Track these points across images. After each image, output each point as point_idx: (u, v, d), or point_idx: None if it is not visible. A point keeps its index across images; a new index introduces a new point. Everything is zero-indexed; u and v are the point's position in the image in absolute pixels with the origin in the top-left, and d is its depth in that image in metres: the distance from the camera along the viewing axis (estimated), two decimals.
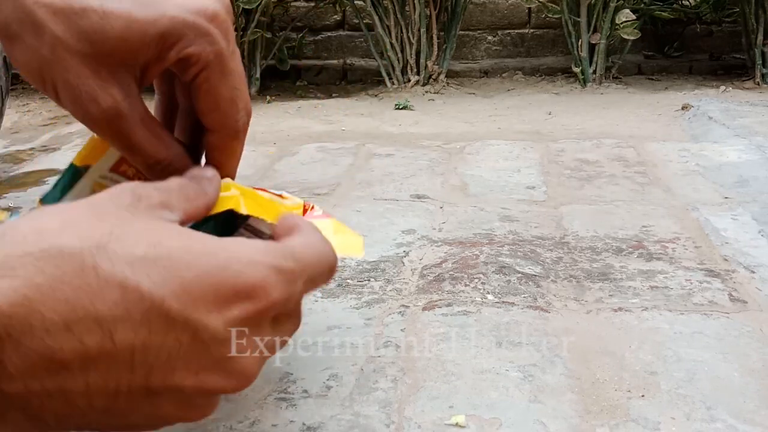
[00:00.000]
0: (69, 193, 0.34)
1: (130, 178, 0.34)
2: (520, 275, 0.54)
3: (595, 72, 1.49)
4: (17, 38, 0.30)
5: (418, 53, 1.48)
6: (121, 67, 0.30)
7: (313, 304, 0.50)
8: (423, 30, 1.46)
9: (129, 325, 0.23)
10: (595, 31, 1.47)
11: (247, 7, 1.35)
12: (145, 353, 0.23)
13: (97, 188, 0.34)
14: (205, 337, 0.24)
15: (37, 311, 0.21)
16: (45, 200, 0.34)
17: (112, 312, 0.22)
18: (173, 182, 0.29)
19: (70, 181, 0.34)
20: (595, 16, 1.45)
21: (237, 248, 0.25)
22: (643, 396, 0.38)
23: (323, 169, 0.86)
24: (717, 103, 1.17)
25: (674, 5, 1.53)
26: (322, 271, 0.28)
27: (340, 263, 0.30)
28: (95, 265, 0.23)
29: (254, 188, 0.34)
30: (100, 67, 0.30)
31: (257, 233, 0.33)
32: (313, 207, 0.37)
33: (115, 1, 0.30)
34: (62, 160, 0.95)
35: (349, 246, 0.35)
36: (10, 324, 0.21)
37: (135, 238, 0.24)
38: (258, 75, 1.46)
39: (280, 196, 0.36)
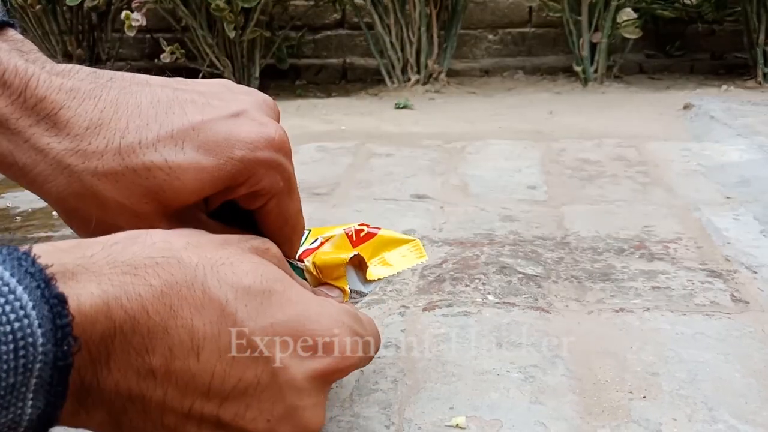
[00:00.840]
0: None
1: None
2: (521, 276, 0.54)
3: (596, 71, 1.48)
4: (76, 211, 0.29)
5: (418, 52, 1.48)
6: (187, 209, 0.30)
7: None
8: (423, 29, 1.46)
9: (216, 346, 0.24)
10: (596, 30, 1.46)
11: (246, 5, 1.34)
12: (224, 381, 0.25)
13: None
14: (282, 381, 0.25)
15: (146, 311, 0.23)
16: None
17: (205, 329, 0.24)
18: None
19: None
20: (596, 14, 1.45)
21: (328, 306, 0.28)
22: (644, 397, 0.38)
23: (323, 168, 0.86)
24: (719, 103, 1.17)
25: (676, 4, 1.52)
26: (376, 334, 0.31)
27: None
28: (204, 282, 0.25)
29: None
30: (170, 220, 0.29)
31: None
32: (361, 231, 0.38)
33: (180, 153, 0.28)
34: None
35: (411, 258, 0.38)
36: (124, 318, 0.23)
37: (246, 269, 0.26)
38: (257, 74, 1.46)
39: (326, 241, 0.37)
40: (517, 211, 0.69)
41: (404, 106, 1.29)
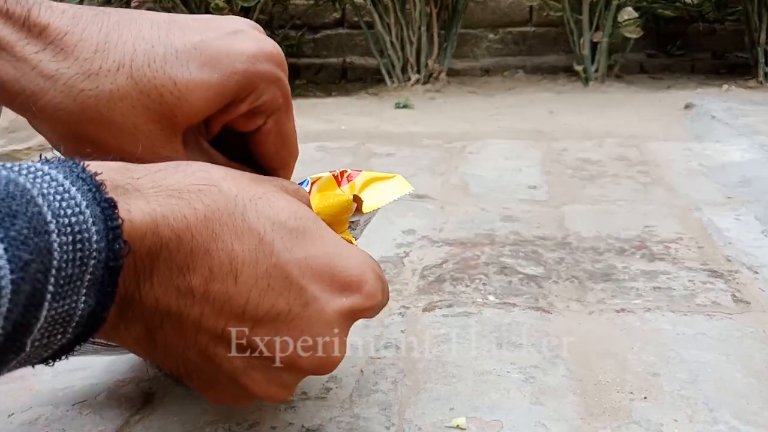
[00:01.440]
0: None
1: None
2: (521, 276, 0.54)
3: (597, 71, 1.48)
4: (88, 139, 0.29)
5: (418, 51, 1.48)
6: (189, 130, 0.31)
7: None
8: (423, 28, 1.45)
9: (253, 272, 0.25)
10: (597, 29, 1.46)
11: (245, 5, 1.34)
12: (258, 305, 0.26)
13: None
14: (312, 312, 0.27)
15: (190, 232, 0.25)
16: None
17: (244, 255, 0.25)
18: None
19: None
20: (597, 14, 1.44)
21: (355, 249, 0.29)
22: (645, 398, 0.38)
23: (323, 168, 0.85)
24: (720, 102, 1.17)
25: (677, 3, 1.52)
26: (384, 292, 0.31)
27: None
28: (244, 212, 0.26)
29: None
30: (177, 145, 0.30)
31: None
32: (345, 172, 0.38)
33: (185, 70, 0.29)
34: None
35: (398, 188, 0.38)
36: (170, 237, 0.24)
37: (282, 205, 0.27)
38: None
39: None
40: (517, 211, 0.69)
41: (404, 106, 1.29)
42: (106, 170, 0.24)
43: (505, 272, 0.55)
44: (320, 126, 1.14)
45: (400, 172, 0.94)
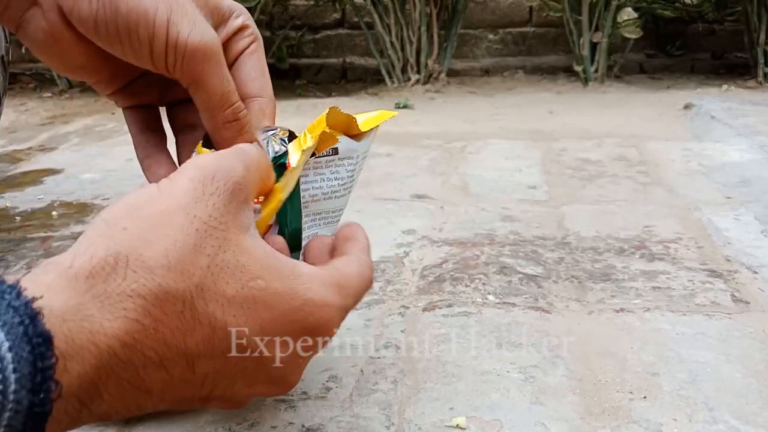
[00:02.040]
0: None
1: None
2: (521, 276, 0.54)
3: (596, 71, 1.48)
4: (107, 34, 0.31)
5: (418, 52, 1.48)
6: (208, 20, 0.34)
7: None
8: (423, 28, 1.45)
9: (210, 358, 0.26)
10: (596, 29, 1.46)
11: (245, 5, 1.34)
12: (216, 377, 0.26)
13: None
14: (266, 363, 0.27)
15: (140, 351, 0.24)
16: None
17: (198, 348, 0.25)
18: (252, 163, 0.29)
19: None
20: (596, 14, 1.45)
21: (315, 289, 0.28)
22: (645, 397, 0.38)
23: None
24: (719, 103, 1.17)
25: (676, 4, 1.52)
26: (363, 294, 0.31)
27: None
28: (192, 307, 0.25)
29: None
30: (202, 9, 0.33)
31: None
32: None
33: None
34: (60, 159, 0.95)
35: (383, 114, 0.39)
36: (117, 363, 0.23)
37: (227, 276, 0.26)
38: None
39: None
40: (517, 211, 0.69)
41: (404, 106, 1.29)
42: (45, 292, 0.22)
43: (504, 272, 0.55)
44: None
45: (400, 172, 0.93)
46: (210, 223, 0.25)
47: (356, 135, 0.37)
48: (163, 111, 0.38)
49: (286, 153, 0.33)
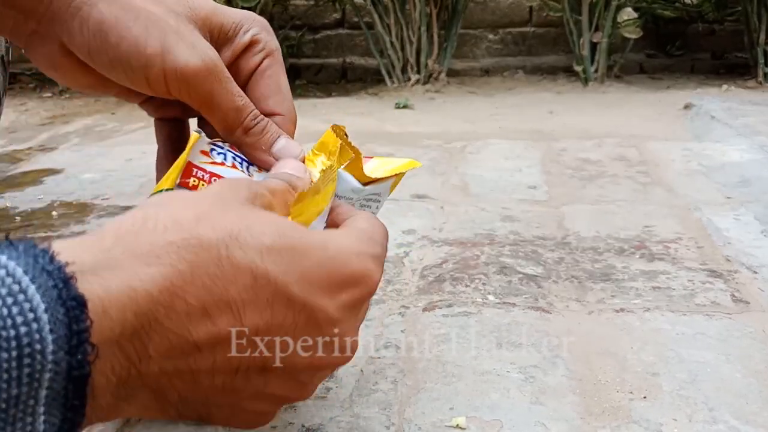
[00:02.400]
0: None
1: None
2: (521, 276, 0.54)
3: (596, 71, 1.48)
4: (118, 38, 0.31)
5: (418, 52, 1.48)
6: (209, 39, 0.33)
7: None
8: (423, 28, 1.45)
9: (256, 307, 0.25)
10: (596, 29, 1.46)
11: (245, 5, 1.34)
12: (267, 332, 0.25)
13: None
14: (319, 318, 0.26)
15: (181, 296, 0.23)
16: None
17: (242, 296, 0.24)
18: (275, 184, 0.30)
19: None
20: (596, 14, 1.45)
21: (341, 240, 0.28)
22: (645, 397, 0.38)
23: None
24: (719, 103, 1.17)
25: (676, 4, 1.52)
26: (386, 242, 0.31)
27: None
28: (229, 255, 0.24)
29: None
30: (200, 29, 0.33)
31: None
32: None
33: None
34: (60, 159, 0.95)
35: (406, 165, 0.38)
36: (157, 309, 0.23)
37: (261, 229, 0.26)
38: None
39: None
40: (517, 211, 0.69)
41: (404, 106, 1.29)
42: (76, 250, 0.22)
43: (504, 272, 0.55)
44: (320, 126, 1.14)
45: None
46: (245, 196, 0.27)
47: (367, 181, 0.37)
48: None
49: None
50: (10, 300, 0.19)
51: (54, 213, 0.73)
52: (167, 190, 0.32)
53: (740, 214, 0.66)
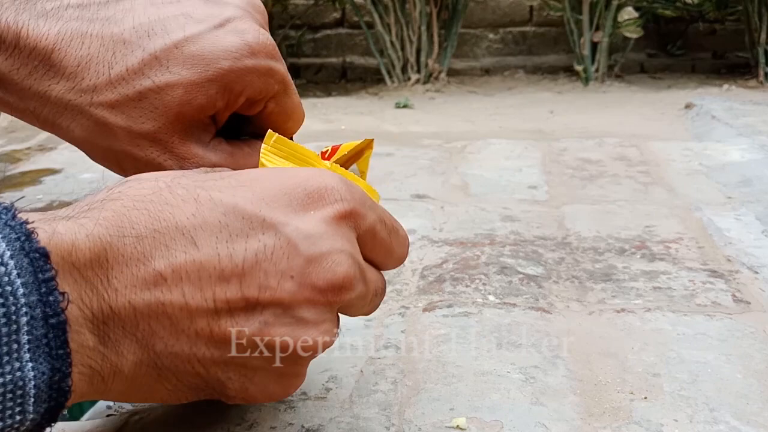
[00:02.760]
0: None
1: None
2: (521, 276, 0.54)
3: (597, 70, 1.48)
4: (94, 145, 0.32)
5: (418, 51, 1.48)
6: (192, 126, 0.31)
7: None
8: (423, 28, 1.45)
9: (208, 230, 0.24)
10: (597, 29, 1.46)
11: None
12: (231, 256, 0.24)
13: None
14: (291, 236, 0.25)
15: (126, 222, 0.23)
16: None
17: (190, 221, 0.24)
18: None
19: None
20: (597, 14, 1.44)
21: (296, 170, 0.27)
22: (645, 398, 0.38)
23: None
24: (720, 102, 1.16)
25: (677, 3, 1.52)
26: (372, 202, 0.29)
27: None
28: (170, 188, 0.25)
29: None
30: (172, 136, 0.30)
31: None
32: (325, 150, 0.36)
33: (166, 72, 0.29)
34: (59, 159, 0.95)
35: (358, 143, 0.36)
36: (110, 237, 0.23)
37: (208, 179, 0.26)
38: None
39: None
40: (517, 211, 0.69)
41: (404, 106, 1.29)
42: (38, 215, 0.23)
43: (505, 272, 0.55)
44: (320, 126, 1.14)
45: (400, 172, 0.94)
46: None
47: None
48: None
49: None
50: None
51: None
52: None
53: (741, 214, 0.66)
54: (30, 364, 0.20)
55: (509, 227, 0.65)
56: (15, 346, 0.20)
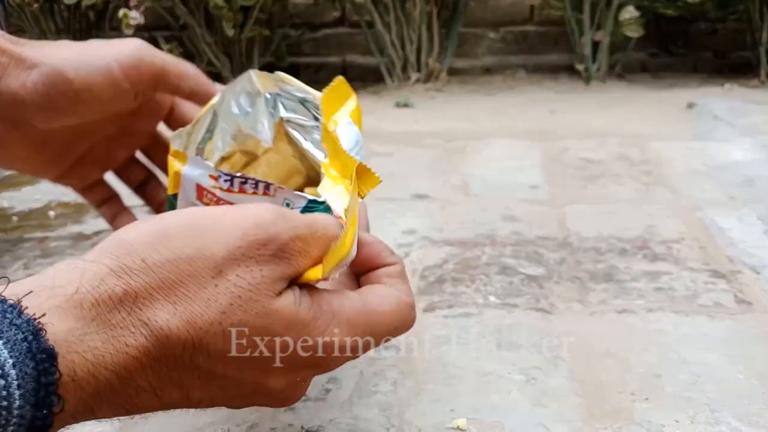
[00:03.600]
0: None
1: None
2: (522, 276, 0.54)
3: (598, 70, 1.48)
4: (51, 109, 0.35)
5: (419, 50, 1.47)
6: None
7: None
8: (424, 27, 1.45)
9: (206, 390, 0.26)
10: (598, 28, 1.46)
11: (245, 4, 1.34)
12: (212, 401, 0.26)
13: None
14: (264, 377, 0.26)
15: (135, 383, 0.24)
16: None
17: (194, 383, 0.25)
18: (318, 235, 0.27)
19: (171, 209, 0.34)
20: (598, 13, 1.44)
21: (333, 335, 0.27)
22: (647, 399, 0.38)
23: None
24: (722, 102, 1.16)
25: (678, 2, 1.52)
26: (393, 334, 0.29)
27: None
28: (192, 356, 0.24)
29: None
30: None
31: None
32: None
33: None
34: None
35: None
36: (111, 391, 0.23)
37: (232, 336, 0.25)
38: None
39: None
40: (518, 211, 0.69)
41: (405, 105, 1.29)
42: (50, 313, 0.21)
43: (506, 272, 0.54)
44: None
45: (400, 172, 0.93)
46: (239, 285, 0.24)
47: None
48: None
49: (324, 203, 0.30)
50: None
51: (51, 213, 0.72)
52: (173, 195, 0.32)
53: (743, 214, 0.66)
54: None
55: (510, 227, 0.64)
56: None
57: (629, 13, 1.43)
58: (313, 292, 0.26)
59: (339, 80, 0.34)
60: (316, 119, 0.36)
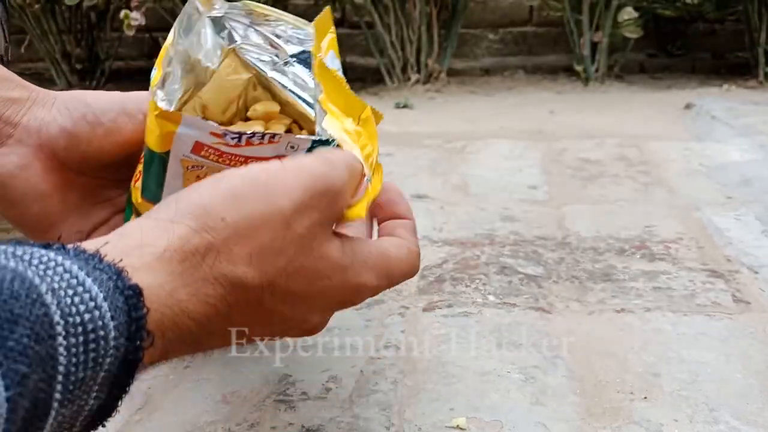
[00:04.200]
0: (165, 181, 0.34)
1: (213, 161, 0.33)
2: (521, 276, 0.54)
3: (597, 70, 1.48)
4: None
5: (418, 51, 1.48)
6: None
7: None
8: (423, 28, 1.45)
9: (262, 326, 0.29)
10: (597, 29, 1.46)
11: None
12: (264, 333, 0.30)
13: (186, 163, 0.33)
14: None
15: (209, 329, 0.26)
16: (147, 196, 0.34)
17: (254, 323, 0.28)
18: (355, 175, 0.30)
19: (160, 169, 0.33)
20: (597, 14, 1.44)
21: (363, 275, 0.30)
22: (645, 398, 0.38)
23: None
24: (720, 102, 1.16)
25: (677, 3, 1.52)
26: (405, 279, 0.33)
27: None
28: (260, 299, 0.27)
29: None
30: None
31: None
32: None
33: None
34: None
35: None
36: (189, 335, 0.25)
37: (299, 277, 0.28)
38: None
39: None
40: (517, 211, 0.69)
41: (404, 106, 1.29)
42: (141, 266, 0.24)
43: (505, 272, 0.55)
44: None
45: (400, 172, 0.93)
46: (303, 234, 0.27)
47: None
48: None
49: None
50: (70, 291, 0.20)
51: None
52: (164, 152, 0.32)
53: (741, 214, 0.66)
54: (95, 395, 0.21)
55: (509, 227, 0.65)
56: (91, 383, 0.21)
57: (628, 14, 1.43)
58: (345, 241, 0.30)
59: (326, 11, 0.34)
60: (273, 46, 0.36)
